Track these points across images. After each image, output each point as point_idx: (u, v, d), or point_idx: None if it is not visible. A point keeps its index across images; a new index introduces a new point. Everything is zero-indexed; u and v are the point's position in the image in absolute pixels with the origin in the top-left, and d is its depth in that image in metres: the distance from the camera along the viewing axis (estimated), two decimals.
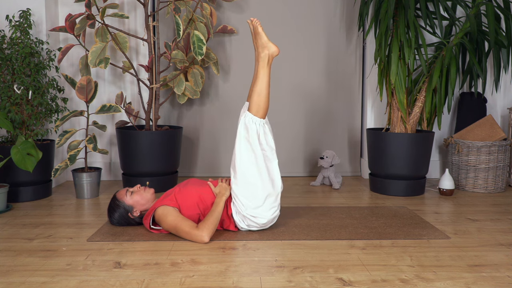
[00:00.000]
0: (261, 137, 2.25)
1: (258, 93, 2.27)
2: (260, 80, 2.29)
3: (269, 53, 2.31)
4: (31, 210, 2.78)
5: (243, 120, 2.26)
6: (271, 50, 2.32)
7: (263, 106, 2.27)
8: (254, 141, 2.24)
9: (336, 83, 3.85)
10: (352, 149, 3.93)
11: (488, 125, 3.34)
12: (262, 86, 2.28)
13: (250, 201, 2.24)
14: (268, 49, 2.32)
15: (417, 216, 2.65)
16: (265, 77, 2.30)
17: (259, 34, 2.33)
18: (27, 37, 3.01)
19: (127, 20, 3.57)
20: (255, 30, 2.34)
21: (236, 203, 2.27)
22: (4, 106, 2.90)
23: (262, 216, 2.27)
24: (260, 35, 2.33)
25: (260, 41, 2.33)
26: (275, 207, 2.31)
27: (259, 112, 2.26)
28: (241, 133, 2.25)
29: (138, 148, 3.14)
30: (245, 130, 2.25)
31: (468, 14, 3.01)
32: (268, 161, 2.27)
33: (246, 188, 2.24)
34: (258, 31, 2.33)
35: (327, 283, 1.74)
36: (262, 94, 2.27)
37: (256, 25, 2.33)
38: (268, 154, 2.27)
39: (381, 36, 3.07)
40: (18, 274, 1.82)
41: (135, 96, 3.61)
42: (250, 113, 2.26)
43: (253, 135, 2.24)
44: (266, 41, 2.32)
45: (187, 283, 1.74)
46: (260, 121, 2.26)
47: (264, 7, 3.74)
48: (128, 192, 2.38)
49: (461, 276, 1.82)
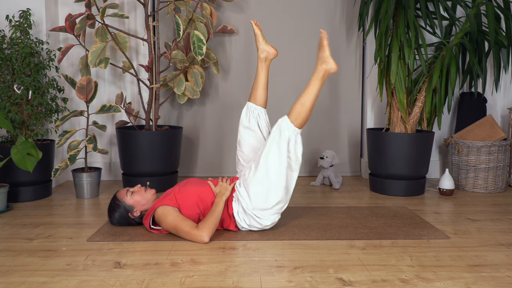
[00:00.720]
0: (291, 145, 2.23)
1: (303, 103, 2.25)
2: (309, 91, 2.27)
3: (326, 68, 2.27)
4: (31, 210, 2.78)
5: (280, 123, 2.24)
6: (329, 66, 2.27)
7: (303, 117, 2.24)
8: (283, 147, 2.22)
9: (336, 83, 3.85)
10: (352, 149, 3.93)
11: (488, 125, 3.34)
12: (309, 98, 2.26)
13: (260, 201, 2.24)
14: (326, 65, 2.27)
15: (417, 216, 2.65)
16: (315, 89, 2.27)
17: (323, 47, 2.29)
18: (27, 37, 3.01)
19: (127, 20, 3.57)
20: (320, 42, 2.30)
21: (243, 201, 2.27)
22: (4, 106, 2.91)
23: (267, 218, 2.28)
24: (324, 48, 2.28)
25: (322, 54, 2.29)
26: (279, 213, 2.33)
27: (297, 120, 2.24)
28: (274, 135, 2.24)
29: (138, 148, 3.14)
30: (278, 134, 2.23)
31: (468, 14, 3.01)
32: (290, 170, 2.26)
33: (262, 187, 2.23)
34: (323, 43, 2.29)
35: (327, 283, 1.74)
36: (306, 105, 2.25)
37: (323, 38, 2.30)
38: (293, 163, 2.26)
39: (381, 36, 3.07)
40: (18, 274, 1.82)
41: (135, 96, 3.61)
42: (289, 119, 2.24)
43: (284, 140, 2.22)
44: (327, 56, 2.28)
45: (187, 283, 1.74)
46: (295, 129, 2.24)
47: (264, 7, 3.74)
48: (129, 192, 2.38)
49: (461, 276, 1.82)
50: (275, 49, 2.53)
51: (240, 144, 2.51)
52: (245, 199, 2.26)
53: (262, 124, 2.50)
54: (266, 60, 2.53)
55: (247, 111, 2.50)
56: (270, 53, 2.52)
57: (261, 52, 2.53)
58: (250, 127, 2.48)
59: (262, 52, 2.52)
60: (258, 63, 2.54)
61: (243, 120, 2.50)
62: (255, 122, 2.49)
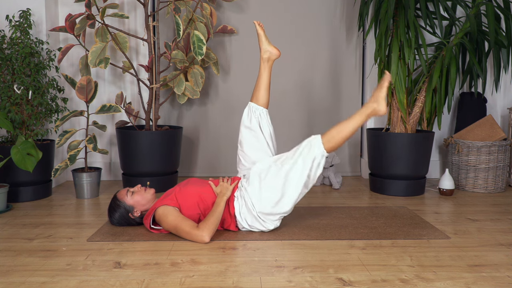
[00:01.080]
0: (315, 164, 2.24)
1: (340, 131, 2.26)
2: (350, 122, 2.28)
3: (376, 108, 2.28)
4: (31, 210, 2.78)
5: (312, 139, 2.25)
6: (379, 107, 2.28)
7: (335, 143, 2.25)
8: (308, 163, 2.23)
9: (336, 83, 3.85)
10: (352, 149, 3.93)
11: (488, 125, 3.34)
12: (348, 128, 2.27)
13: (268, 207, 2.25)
14: (377, 105, 2.28)
15: (417, 216, 2.65)
16: (356, 123, 2.27)
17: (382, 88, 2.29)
18: (27, 37, 3.01)
19: (127, 20, 3.57)
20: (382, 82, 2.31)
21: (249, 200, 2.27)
22: (4, 106, 2.91)
23: (271, 223, 2.31)
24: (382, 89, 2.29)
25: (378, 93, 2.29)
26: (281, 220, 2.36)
27: (328, 143, 2.25)
28: (302, 149, 2.25)
29: (138, 148, 3.14)
30: (307, 149, 2.24)
31: (468, 14, 3.01)
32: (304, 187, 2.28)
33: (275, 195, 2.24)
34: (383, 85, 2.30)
35: (327, 283, 1.74)
36: (342, 133, 2.26)
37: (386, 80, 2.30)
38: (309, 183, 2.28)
39: (381, 36, 3.07)
40: (18, 274, 1.82)
41: (135, 96, 3.61)
42: (322, 139, 2.25)
43: (310, 157, 2.23)
44: (382, 97, 2.28)
45: (187, 283, 1.74)
46: (323, 151, 2.25)
47: (264, 7, 3.74)
48: (129, 192, 2.37)
49: (461, 276, 1.82)
50: (278, 50, 2.53)
51: (241, 144, 2.51)
52: (253, 198, 2.26)
53: (263, 124, 2.50)
54: (269, 61, 2.54)
55: (249, 111, 2.51)
56: (273, 54, 2.52)
57: (264, 53, 2.53)
58: (251, 127, 2.48)
59: (265, 53, 2.53)
60: (261, 64, 2.54)
61: (245, 120, 2.51)
62: (256, 122, 2.49)
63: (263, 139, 2.48)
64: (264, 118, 2.51)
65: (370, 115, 2.30)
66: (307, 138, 2.28)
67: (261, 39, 2.53)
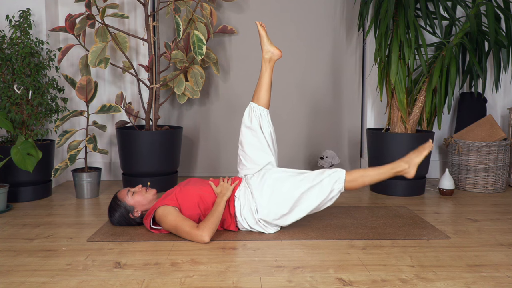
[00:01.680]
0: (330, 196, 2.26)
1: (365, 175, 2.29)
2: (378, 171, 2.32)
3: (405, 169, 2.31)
4: (31, 210, 2.78)
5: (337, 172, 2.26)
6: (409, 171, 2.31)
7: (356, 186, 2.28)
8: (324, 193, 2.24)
9: (336, 83, 3.85)
10: (352, 149, 3.93)
11: (488, 125, 3.34)
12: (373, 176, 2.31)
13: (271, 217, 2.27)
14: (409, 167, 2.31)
15: (417, 216, 2.65)
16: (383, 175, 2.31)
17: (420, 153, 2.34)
18: (27, 37, 3.01)
19: (127, 20, 3.57)
20: (422, 148, 2.35)
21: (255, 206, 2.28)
22: (4, 106, 2.91)
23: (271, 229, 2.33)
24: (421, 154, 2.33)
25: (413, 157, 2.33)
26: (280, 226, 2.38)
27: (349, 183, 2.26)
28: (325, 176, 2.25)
29: (138, 148, 3.14)
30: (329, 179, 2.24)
31: (468, 14, 3.01)
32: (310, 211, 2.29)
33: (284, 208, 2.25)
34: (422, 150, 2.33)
35: (327, 283, 1.74)
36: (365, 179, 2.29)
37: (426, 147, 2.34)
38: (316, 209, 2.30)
39: (381, 36, 3.07)
40: (18, 274, 1.82)
41: (135, 96, 3.61)
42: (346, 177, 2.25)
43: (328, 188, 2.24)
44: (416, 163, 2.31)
45: (187, 283, 1.74)
46: (342, 188, 2.26)
47: (264, 7, 3.74)
48: (130, 192, 2.37)
49: (461, 276, 1.82)
50: (279, 50, 2.53)
51: (242, 144, 2.51)
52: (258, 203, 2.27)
53: (263, 124, 2.50)
54: (270, 61, 2.54)
55: (250, 111, 2.51)
56: (274, 54, 2.52)
57: (265, 53, 2.53)
58: (252, 127, 2.48)
59: (267, 53, 2.52)
60: (263, 64, 2.54)
61: (245, 120, 2.51)
62: (257, 122, 2.49)
63: (263, 139, 2.48)
64: (265, 118, 2.51)
65: (398, 174, 2.33)
66: (334, 168, 2.29)
67: (263, 39, 2.53)
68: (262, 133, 2.49)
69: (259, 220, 2.28)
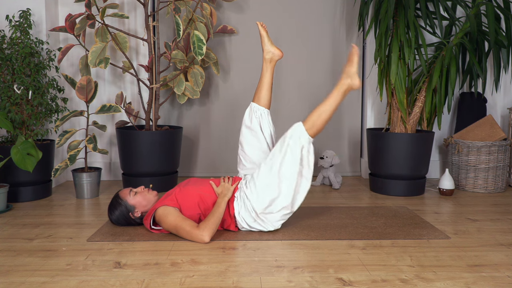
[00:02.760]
0: (304, 152, 2.24)
1: (320, 113, 2.25)
2: (328, 103, 2.27)
3: (350, 83, 2.28)
4: (31, 210, 2.78)
5: (295, 128, 2.24)
6: (354, 82, 2.28)
7: (318, 127, 2.25)
8: (296, 153, 2.22)
9: (336, 83, 3.84)
10: (352, 149, 3.93)
11: (488, 125, 3.34)
12: (327, 110, 2.26)
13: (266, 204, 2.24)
14: (351, 80, 2.28)
15: (417, 216, 2.65)
16: (335, 102, 2.27)
17: (351, 62, 2.29)
18: (27, 37, 3.01)
19: (127, 20, 3.57)
20: (350, 56, 2.30)
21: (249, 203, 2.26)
22: (4, 106, 2.91)
23: (271, 224, 2.30)
24: (353, 63, 2.29)
25: (349, 69, 2.29)
26: (285, 219, 2.33)
27: (311, 129, 2.24)
28: (287, 141, 2.23)
29: (138, 148, 3.14)
30: (292, 139, 2.23)
31: (468, 14, 3.01)
32: (300, 176, 2.25)
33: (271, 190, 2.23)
34: (352, 59, 2.30)
35: (327, 283, 1.74)
36: (322, 116, 2.25)
37: (354, 54, 2.29)
38: (304, 171, 2.26)
39: (381, 36, 3.07)
40: (18, 274, 1.82)
41: (135, 96, 3.61)
42: (304, 126, 2.24)
43: (297, 146, 2.22)
44: (353, 72, 2.28)
45: (187, 283, 1.74)
46: (309, 138, 2.24)
47: (264, 7, 3.74)
48: (132, 192, 2.38)
49: (461, 276, 1.82)
50: (280, 51, 2.52)
51: (242, 144, 2.51)
52: (253, 200, 2.26)
53: (264, 124, 2.50)
54: (271, 61, 2.54)
55: (250, 111, 2.51)
56: (275, 55, 2.52)
57: (266, 53, 2.53)
58: (252, 127, 2.48)
59: (268, 53, 2.52)
60: (263, 64, 2.54)
61: (246, 120, 2.51)
62: (257, 122, 2.49)
63: (263, 140, 2.48)
64: (265, 118, 2.50)
65: (347, 92, 2.29)
66: (290, 129, 2.25)
67: (264, 40, 2.53)
68: (262, 133, 2.48)
69: (258, 216, 2.26)
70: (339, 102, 2.28)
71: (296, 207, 2.30)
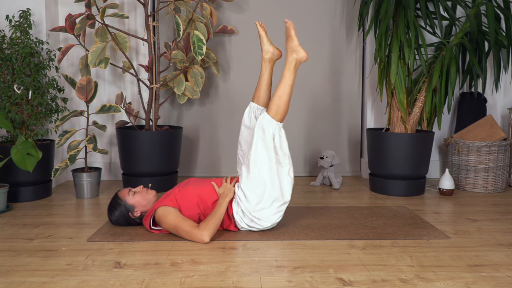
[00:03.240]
0: (276, 140, 2.24)
1: (280, 96, 2.26)
2: (283, 83, 2.28)
3: (297, 58, 2.30)
4: (31, 210, 2.78)
5: (260, 120, 2.25)
6: (300, 55, 2.30)
7: (282, 110, 2.26)
8: (269, 143, 2.23)
9: (336, 83, 3.85)
10: (352, 149, 3.93)
11: (488, 125, 3.34)
12: (285, 90, 2.27)
13: (257, 201, 2.24)
14: (297, 54, 2.30)
15: (417, 216, 2.65)
16: (289, 80, 2.28)
17: (291, 37, 2.31)
18: (27, 37, 3.01)
19: (127, 20, 3.57)
20: (287, 32, 2.32)
21: (241, 203, 2.27)
22: (4, 106, 2.91)
23: (266, 219, 2.28)
24: (292, 38, 2.30)
25: (291, 44, 2.31)
26: (281, 212, 2.31)
27: (277, 115, 2.25)
28: (258, 133, 2.24)
29: (138, 148, 3.14)
30: (262, 131, 2.24)
31: (468, 14, 3.01)
32: (280, 165, 2.26)
33: (257, 188, 2.23)
34: (290, 34, 2.31)
35: (327, 283, 1.74)
36: (283, 98, 2.26)
37: (290, 28, 2.31)
38: (281, 158, 2.26)
39: (381, 36, 3.07)
40: (18, 274, 1.82)
41: (135, 96, 3.61)
42: (269, 114, 2.25)
43: (268, 137, 2.23)
44: (296, 45, 2.30)
45: (187, 283, 1.74)
46: (277, 124, 2.25)
47: (264, 7, 3.74)
48: (131, 192, 2.38)
49: (461, 276, 1.82)
50: (279, 51, 2.53)
51: (241, 143, 2.51)
52: (243, 201, 2.27)
53: None
54: (270, 61, 2.54)
55: (249, 111, 2.51)
56: (274, 54, 2.52)
57: (265, 53, 2.52)
58: (251, 126, 2.48)
59: (267, 53, 2.52)
60: (263, 64, 2.54)
61: (245, 120, 2.51)
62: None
63: None
64: None
65: (297, 67, 2.31)
66: (257, 123, 2.26)
67: (263, 40, 2.53)
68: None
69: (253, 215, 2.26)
70: (293, 79, 2.30)
71: (288, 196, 2.29)
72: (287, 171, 2.28)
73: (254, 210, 2.25)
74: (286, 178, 2.28)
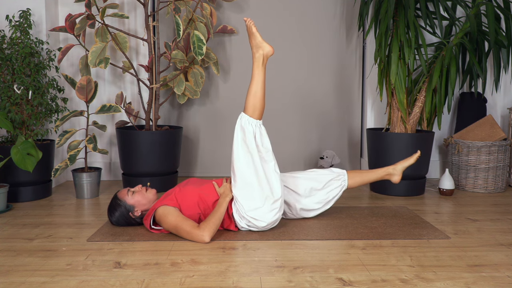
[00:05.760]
0: (257, 138, 2.26)
1: (254, 94, 2.27)
2: (255, 81, 2.29)
3: (263, 53, 2.31)
4: (31, 210, 2.78)
5: (239, 121, 2.28)
6: (266, 50, 2.31)
7: (259, 106, 2.27)
8: (251, 143, 2.25)
9: (336, 83, 3.85)
10: (352, 149, 3.93)
11: (488, 125, 3.34)
12: (258, 87, 2.28)
13: (249, 203, 2.24)
14: (262, 49, 2.31)
15: (417, 216, 2.65)
16: (260, 77, 2.29)
17: (253, 34, 2.32)
18: (27, 37, 3.01)
19: (127, 20, 3.57)
20: (249, 30, 2.34)
21: (237, 205, 2.28)
22: (4, 106, 2.91)
23: (262, 218, 2.26)
24: (254, 35, 2.32)
25: (254, 41, 2.32)
26: (276, 209, 2.28)
27: (255, 113, 2.26)
28: (238, 135, 2.26)
29: (138, 148, 3.14)
30: (242, 132, 2.26)
31: (468, 14, 3.01)
32: (265, 163, 2.27)
33: (245, 189, 2.24)
34: (252, 31, 2.32)
35: (327, 283, 1.74)
36: (258, 95, 2.27)
37: (250, 25, 2.32)
38: (264, 155, 2.28)
39: (381, 36, 3.07)
40: (18, 274, 1.82)
41: (135, 96, 3.61)
42: (246, 114, 2.27)
43: (249, 136, 2.24)
44: (260, 41, 2.31)
45: (187, 283, 1.74)
46: (257, 122, 2.26)
47: (264, 7, 3.74)
48: (130, 192, 2.38)
49: (461, 276, 1.82)
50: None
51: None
52: (237, 203, 2.27)
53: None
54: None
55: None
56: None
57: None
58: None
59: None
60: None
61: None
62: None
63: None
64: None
65: (265, 62, 2.32)
66: (236, 123, 2.28)
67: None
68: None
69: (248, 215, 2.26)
70: (264, 75, 2.31)
71: (279, 193, 2.27)
72: (272, 167, 2.28)
73: (248, 211, 2.25)
74: (274, 174, 2.28)
